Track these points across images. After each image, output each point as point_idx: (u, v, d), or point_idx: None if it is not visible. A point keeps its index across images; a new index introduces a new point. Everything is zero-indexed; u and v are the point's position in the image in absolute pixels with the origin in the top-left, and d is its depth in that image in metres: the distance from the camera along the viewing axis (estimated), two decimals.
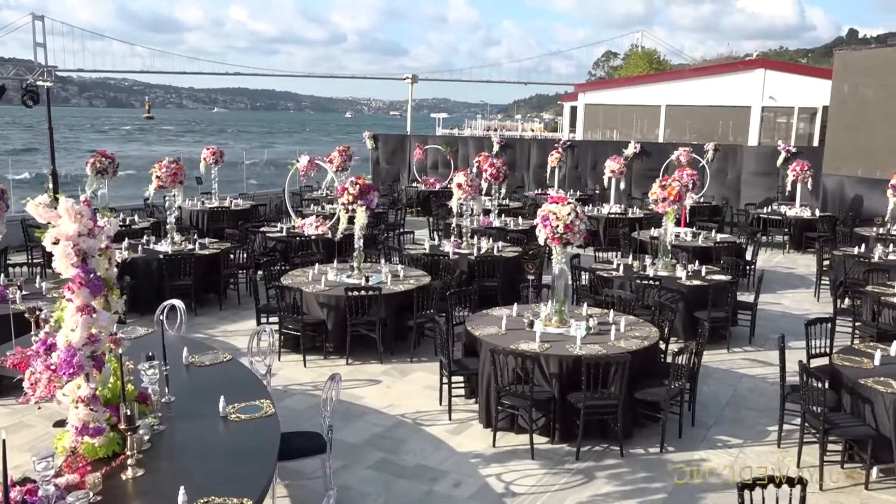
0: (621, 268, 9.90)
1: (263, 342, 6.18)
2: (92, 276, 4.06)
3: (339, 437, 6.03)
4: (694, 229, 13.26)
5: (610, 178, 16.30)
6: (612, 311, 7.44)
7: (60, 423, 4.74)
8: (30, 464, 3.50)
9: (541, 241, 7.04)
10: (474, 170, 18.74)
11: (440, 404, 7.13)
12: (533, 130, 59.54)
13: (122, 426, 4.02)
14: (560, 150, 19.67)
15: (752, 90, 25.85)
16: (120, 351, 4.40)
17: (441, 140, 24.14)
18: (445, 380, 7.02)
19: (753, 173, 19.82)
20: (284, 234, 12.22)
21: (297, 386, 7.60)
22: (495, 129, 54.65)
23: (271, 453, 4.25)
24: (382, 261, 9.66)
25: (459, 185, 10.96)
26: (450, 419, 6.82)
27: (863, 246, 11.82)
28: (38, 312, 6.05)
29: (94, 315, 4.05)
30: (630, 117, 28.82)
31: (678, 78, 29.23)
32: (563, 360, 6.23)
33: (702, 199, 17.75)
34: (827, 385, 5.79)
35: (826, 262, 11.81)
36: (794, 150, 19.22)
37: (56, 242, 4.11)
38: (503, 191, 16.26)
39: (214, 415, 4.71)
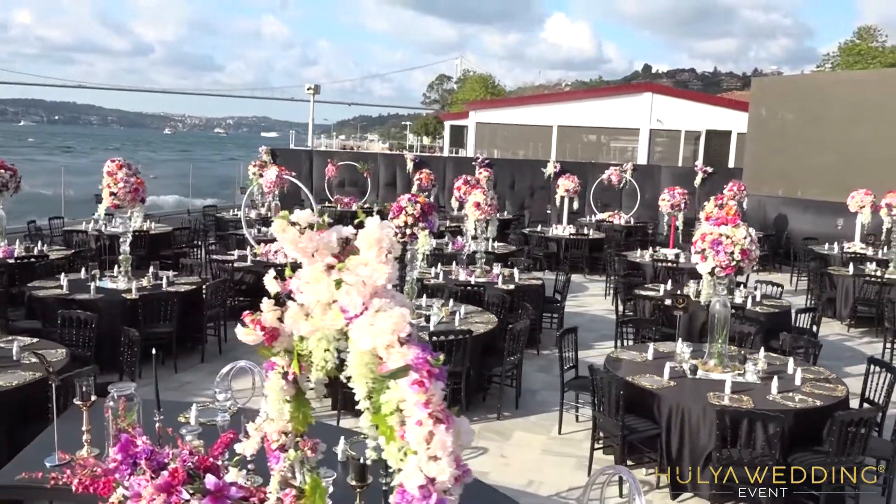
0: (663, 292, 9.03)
1: None
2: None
3: None
4: (677, 251, 12.71)
5: (563, 198, 15.53)
6: (763, 350, 6.46)
7: None
8: None
9: (703, 271, 5.92)
10: (413, 186, 17.46)
11: (588, 475, 5.75)
12: (392, 149, 58.59)
13: None
14: (486, 167, 18.76)
15: (640, 113, 26.62)
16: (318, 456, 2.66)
17: (348, 156, 22.40)
18: (598, 444, 5.71)
19: None
20: (249, 262, 10.11)
21: None
22: (351, 148, 52.95)
23: None
24: (424, 295, 8.02)
25: (477, 205, 9.57)
26: (620, 496, 5.47)
27: (854, 266, 11.81)
28: (92, 395, 3.91)
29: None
30: (521, 137, 28.64)
31: (569, 99, 29.60)
32: (783, 416, 5.14)
33: (632, 220, 17.60)
34: None
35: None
36: (709, 170, 19.72)
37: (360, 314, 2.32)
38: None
39: None
